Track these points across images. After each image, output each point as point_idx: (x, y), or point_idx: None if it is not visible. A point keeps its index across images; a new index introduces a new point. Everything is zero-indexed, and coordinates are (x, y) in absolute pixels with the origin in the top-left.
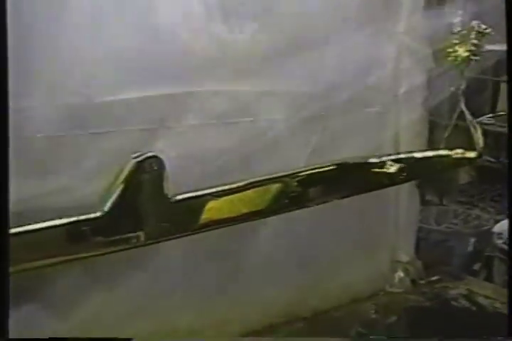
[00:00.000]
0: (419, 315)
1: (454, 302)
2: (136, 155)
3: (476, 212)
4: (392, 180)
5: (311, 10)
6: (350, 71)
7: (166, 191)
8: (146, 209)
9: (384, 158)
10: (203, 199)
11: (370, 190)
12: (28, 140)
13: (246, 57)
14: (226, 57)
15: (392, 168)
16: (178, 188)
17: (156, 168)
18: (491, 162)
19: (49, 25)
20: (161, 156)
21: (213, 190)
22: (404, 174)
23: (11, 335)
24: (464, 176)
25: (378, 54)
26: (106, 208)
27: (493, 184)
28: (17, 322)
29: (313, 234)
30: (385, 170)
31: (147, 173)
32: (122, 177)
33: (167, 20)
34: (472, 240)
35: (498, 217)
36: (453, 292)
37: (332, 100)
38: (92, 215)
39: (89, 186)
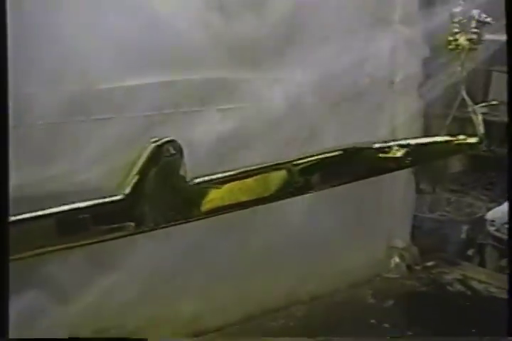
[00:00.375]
0: (415, 299)
1: (449, 287)
2: (154, 139)
3: (468, 199)
4: (398, 164)
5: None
6: (347, 60)
7: (183, 174)
8: (164, 192)
9: (391, 143)
10: (219, 183)
11: (377, 175)
12: (29, 127)
13: (242, 45)
14: (222, 45)
15: (399, 153)
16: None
17: (173, 152)
18: (483, 151)
19: (50, 13)
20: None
21: (232, 172)
22: (410, 159)
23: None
24: (456, 165)
25: (375, 43)
26: (126, 191)
27: (485, 172)
28: (18, 307)
29: (311, 221)
30: (391, 154)
31: (165, 157)
32: (141, 161)
33: (165, 9)
34: (465, 227)
35: (491, 205)
36: (448, 277)
37: (329, 88)
38: (114, 198)
39: (90, 171)
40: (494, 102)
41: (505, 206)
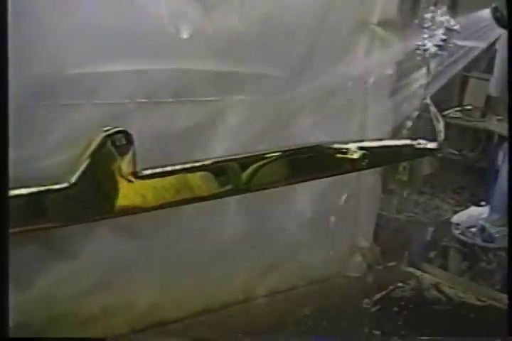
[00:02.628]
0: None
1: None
2: (105, 128)
3: (436, 202)
4: (353, 166)
5: None
6: (321, 57)
7: (133, 166)
8: (112, 182)
9: (348, 145)
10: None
11: (331, 175)
12: None
13: (217, 37)
14: (199, 36)
15: (355, 155)
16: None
17: (124, 142)
18: (454, 154)
19: None
20: (130, 131)
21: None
22: (367, 161)
23: None
24: (427, 167)
25: (350, 43)
26: (73, 179)
27: (455, 176)
28: None
29: (273, 216)
30: (348, 156)
31: (115, 147)
32: (90, 149)
33: None
34: (431, 229)
35: (457, 208)
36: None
37: (300, 85)
38: (58, 186)
39: (55, 157)
40: (468, 107)
41: (471, 210)
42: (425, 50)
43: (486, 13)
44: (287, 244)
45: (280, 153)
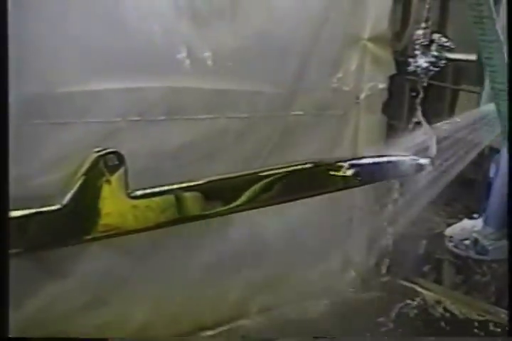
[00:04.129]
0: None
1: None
2: (97, 149)
3: (428, 215)
4: (346, 183)
5: (278, 10)
6: (313, 73)
7: (125, 186)
8: (104, 203)
9: (341, 162)
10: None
11: (323, 193)
12: None
13: (211, 54)
14: (192, 53)
15: (348, 172)
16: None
17: (116, 162)
18: None
19: (12, 12)
20: (122, 150)
21: (180, 185)
22: (359, 178)
23: None
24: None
25: (342, 58)
26: (64, 201)
27: (446, 188)
28: None
29: (264, 231)
30: (341, 173)
31: (107, 167)
32: (82, 170)
33: (135, 15)
34: (423, 242)
35: (450, 221)
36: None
37: (293, 102)
38: (52, 208)
39: (45, 177)
40: (457, 120)
41: (464, 222)
42: (418, 66)
43: None
44: (280, 260)
45: (273, 171)
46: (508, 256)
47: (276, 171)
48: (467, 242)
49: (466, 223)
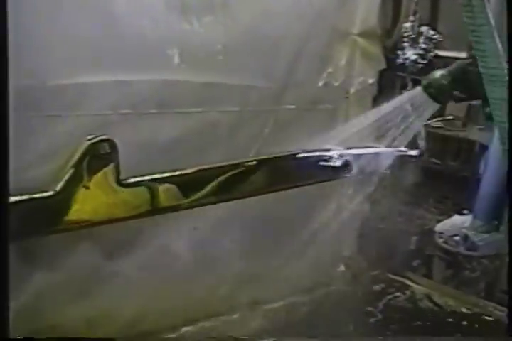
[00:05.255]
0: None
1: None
2: (90, 137)
3: (420, 211)
4: (336, 174)
5: (268, 6)
6: (304, 68)
7: (117, 174)
8: (96, 191)
9: (330, 152)
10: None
11: (312, 184)
12: None
13: (201, 48)
14: (182, 47)
15: (338, 163)
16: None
17: (109, 150)
18: (437, 164)
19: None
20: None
21: (164, 175)
22: (349, 168)
23: None
24: (410, 177)
25: (332, 53)
26: (57, 188)
27: (438, 186)
28: None
29: (257, 225)
30: (330, 164)
31: (100, 155)
32: (74, 158)
33: (125, 8)
34: (414, 238)
35: (441, 218)
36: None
37: (284, 96)
38: (44, 194)
39: (38, 169)
40: (450, 117)
41: (453, 219)
42: (406, 59)
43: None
44: (271, 254)
45: (260, 161)
46: (508, 256)
47: (263, 161)
48: (457, 238)
49: (456, 219)
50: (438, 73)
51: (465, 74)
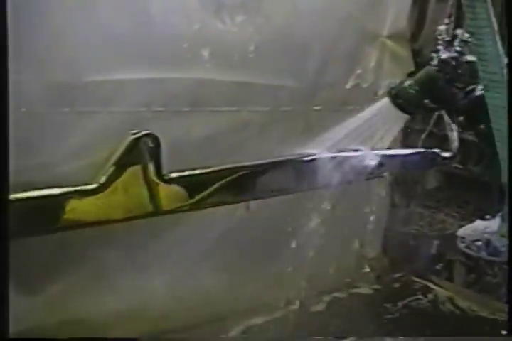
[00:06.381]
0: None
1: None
2: (134, 131)
3: (441, 216)
4: (371, 174)
5: (300, 6)
6: (333, 69)
7: (160, 168)
8: (139, 185)
9: (364, 152)
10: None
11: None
12: (12, 114)
13: (233, 47)
14: (214, 46)
15: (372, 162)
16: None
17: (151, 145)
18: (458, 168)
19: (41, 1)
20: None
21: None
22: (383, 169)
23: None
24: (432, 181)
25: (361, 55)
26: (101, 181)
27: (459, 190)
28: None
29: (282, 225)
30: (364, 163)
31: (143, 150)
32: (118, 152)
33: (160, 7)
34: (436, 243)
35: (462, 223)
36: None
37: (314, 96)
38: (88, 187)
39: (70, 164)
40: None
41: (476, 224)
42: (440, 61)
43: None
44: (296, 254)
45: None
46: (508, 255)
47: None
48: (479, 243)
49: (479, 224)
50: (405, 82)
51: (434, 81)
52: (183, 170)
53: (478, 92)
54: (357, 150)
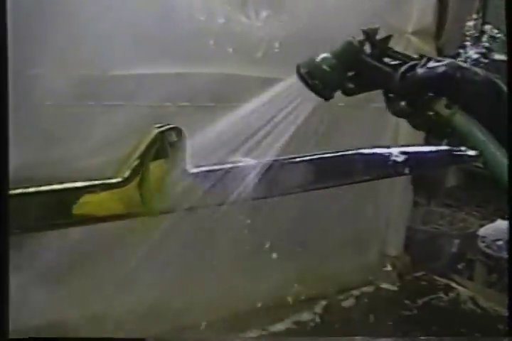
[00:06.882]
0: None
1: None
2: (158, 125)
3: (461, 215)
4: (396, 171)
5: (324, 2)
6: None
7: (184, 162)
8: (163, 179)
9: (392, 149)
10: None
11: (371, 180)
12: (37, 107)
13: (258, 43)
14: (239, 42)
15: (399, 159)
16: None
17: (176, 139)
18: (479, 168)
19: None
20: None
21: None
22: (409, 166)
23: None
24: (452, 180)
25: None
26: (125, 175)
27: (479, 189)
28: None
29: (305, 221)
30: (390, 160)
31: (168, 143)
32: (142, 146)
33: (185, 2)
34: (456, 241)
35: (483, 222)
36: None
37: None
38: (112, 181)
39: (93, 158)
40: None
41: (497, 223)
42: (467, 58)
43: None
44: (319, 250)
45: (317, 156)
46: (508, 255)
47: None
48: (500, 243)
49: (500, 223)
50: (319, 57)
51: (356, 56)
52: (205, 166)
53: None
54: None
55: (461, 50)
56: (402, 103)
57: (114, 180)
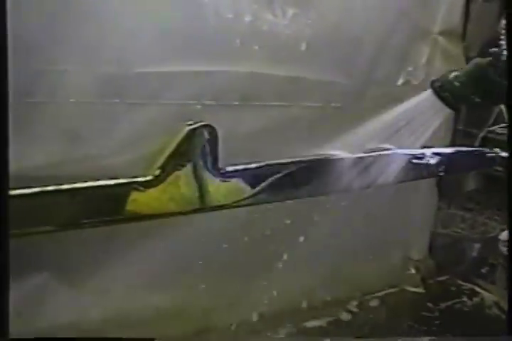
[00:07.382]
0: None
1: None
2: (190, 122)
3: (482, 219)
4: (429, 172)
5: (352, 1)
6: (384, 65)
7: (217, 161)
8: (196, 177)
9: (423, 150)
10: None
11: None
12: (59, 105)
13: (285, 41)
14: (266, 40)
15: (432, 160)
16: None
17: (208, 137)
18: (498, 171)
19: None
20: None
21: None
22: (443, 167)
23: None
24: (471, 184)
25: (412, 52)
26: (156, 173)
27: (499, 193)
28: (27, 291)
29: (330, 224)
30: (425, 161)
31: (199, 141)
32: (174, 143)
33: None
34: (477, 246)
35: (504, 226)
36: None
37: (364, 93)
38: (142, 179)
39: (118, 156)
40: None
41: None
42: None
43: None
44: (342, 253)
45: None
46: (508, 255)
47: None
48: None
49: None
50: (451, 74)
51: (484, 74)
52: (238, 164)
53: None
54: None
55: (496, 49)
56: None
57: (144, 179)
